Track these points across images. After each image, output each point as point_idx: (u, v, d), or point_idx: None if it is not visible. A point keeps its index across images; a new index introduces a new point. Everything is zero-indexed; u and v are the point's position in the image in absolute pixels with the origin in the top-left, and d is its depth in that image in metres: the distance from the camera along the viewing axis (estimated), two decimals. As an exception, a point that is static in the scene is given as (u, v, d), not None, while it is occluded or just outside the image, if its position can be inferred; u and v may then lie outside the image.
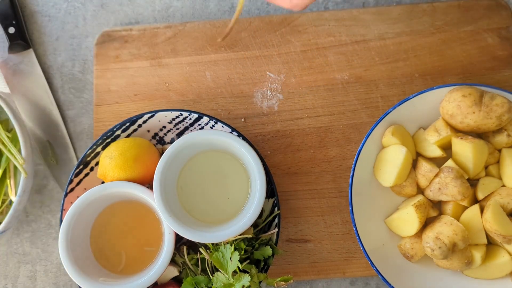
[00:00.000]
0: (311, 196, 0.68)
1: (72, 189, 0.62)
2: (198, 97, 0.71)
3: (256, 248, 0.60)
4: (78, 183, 0.63)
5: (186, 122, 0.64)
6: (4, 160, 0.64)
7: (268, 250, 0.59)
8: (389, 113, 0.62)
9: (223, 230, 0.56)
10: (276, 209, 0.62)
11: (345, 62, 0.71)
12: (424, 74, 0.70)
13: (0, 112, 0.66)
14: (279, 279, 0.57)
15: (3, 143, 0.63)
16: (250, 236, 0.58)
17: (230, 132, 0.62)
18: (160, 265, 0.56)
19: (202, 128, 0.64)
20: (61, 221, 0.60)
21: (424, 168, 0.61)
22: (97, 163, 0.63)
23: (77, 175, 0.62)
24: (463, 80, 0.69)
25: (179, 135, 0.65)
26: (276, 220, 0.61)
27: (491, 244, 0.62)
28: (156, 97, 0.71)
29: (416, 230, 0.60)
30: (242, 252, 0.57)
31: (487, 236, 0.61)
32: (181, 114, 0.63)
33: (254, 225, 0.61)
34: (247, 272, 0.57)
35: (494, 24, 0.71)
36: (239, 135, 0.62)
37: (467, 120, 0.59)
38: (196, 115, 0.63)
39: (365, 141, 0.62)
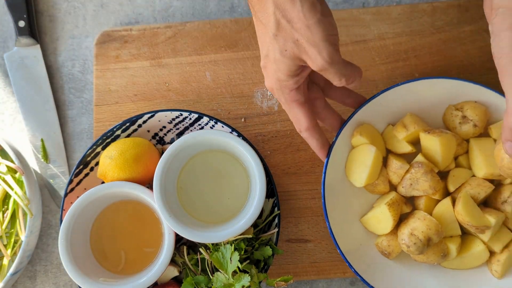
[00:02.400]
0: (311, 196, 0.68)
1: (72, 189, 0.62)
2: (198, 97, 0.71)
3: (256, 248, 0.60)
4: (78, 183, 0.63)
5: (186, 122, 0.64)
6: (13, 201, 0.65)
7: (268, 250, 0.59)
8: (355, 113, 0.62)
9: (223, 230, 0.56)
10: (276, 209, 0.62)
11: (345, 62, 0.71)
12: (424, 74, 0.70)
13: (6, 153, 0.67)
14: (279, 279, 0.57)
15: (9, 185, 0.64)
16: (250, 236, 0.58)
17: (230, 132, 0.62)
18: (160, 265, 0.56)
19: (202, 128, 0.64)
20: (61, 221, 0.60)
21: (395, 165, 0.62)
22: (97, 163, 0.63)
23: (77, 175, 0.62)
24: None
25: (179, 135, 0.65)
26: (276, 220, 0.61)
27: (466, 234, 0.63)
28: (156, 97, 0.71)
29: (391, 228, 0.61)
30: (242, 252, 0.57)
31: (462, 226, 0.61)
32: (181, 114, 0.63)
33: (254, 225, 0.61)
34: (247, 272, 0.57)
35: (494, 24, 0.71)
36: (239, 135, 0.62)
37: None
38: (196, 115, 0.63)
39: (334, 142, 0.61)
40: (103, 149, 0.63)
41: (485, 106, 0.62)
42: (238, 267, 0.55)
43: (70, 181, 0.62)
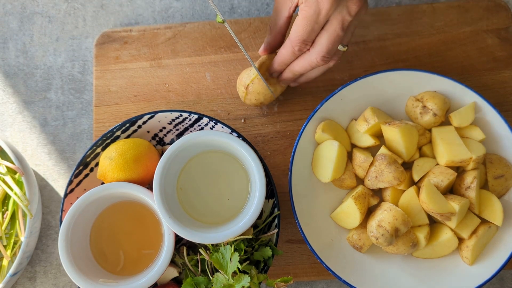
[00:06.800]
0: (311, 197, 0.68)
1: (71, 190, 0.62)
2: (198, 98, 0.71)
3: (256, 248, 0.60)
4: (78, 184, 0.63)
5: (186, 123, 0.64)
6: (12, 202, 0.65)
7: (268, 251, 0.59)
8: (317, 110, 0.63)
9: (223, 231, 0.56)
10: (276, 210, 0.62)
11: (345, 63, 0.71)
12: (423, 75, 0.70)
13: (5, 154, 0.67)
14: (279, 280, 0.57)
15: (9, 186, 0.64)
16: (250, 236, 0.58)
17: (230, 133, 0.62)
18: (160, 266, 0.56)
19: (202, 129, 0.64)
20: (60, 222, 0.60)
21: (359, 158, 0.62)
22: (97, 164, 0.63)
23: (76, 175, 0.62)
24: (463, 81, 0.69)
25: (179, 136, 0.65)
26: (276, 221, 0.61)
27: (434, 223, 0.63)
28: (156, 98, 0.71)
29: (359, 221, 0.61)
30: (242, 253, 0.57)
31: (430, 215, 0.61)
32: (181, 115, 0.63)
33: (254, 225, 0.61)
34: (247, 273, 0.57)
35: (493, 25, 0.71)
36: (239, 136, 0.62)
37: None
38: (196, 116, 0.63)
39: (298, 141, 0.62)
40: (103, 150, 0.63)
41: (444, 95, 0.63)
42: (238, 268, 0.55)
43: (70, 182, 0.62)
